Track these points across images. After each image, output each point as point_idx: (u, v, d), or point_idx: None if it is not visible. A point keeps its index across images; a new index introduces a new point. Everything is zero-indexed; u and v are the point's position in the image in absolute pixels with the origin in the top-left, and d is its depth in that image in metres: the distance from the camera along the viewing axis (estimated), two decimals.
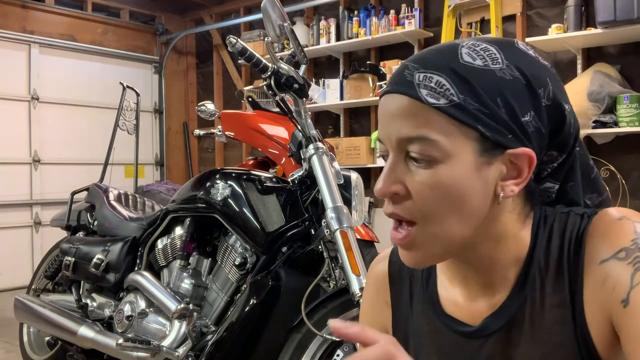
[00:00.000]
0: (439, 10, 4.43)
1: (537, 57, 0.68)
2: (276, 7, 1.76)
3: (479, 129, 0.62)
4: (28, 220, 5.26)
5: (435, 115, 0.62)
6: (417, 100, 0.63)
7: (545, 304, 0.66)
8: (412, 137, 0.63)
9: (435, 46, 0.68)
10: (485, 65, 0.64)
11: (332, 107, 5.04)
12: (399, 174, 0.65)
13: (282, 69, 1.82)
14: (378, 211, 4.89)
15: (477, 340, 0.69)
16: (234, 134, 2.81)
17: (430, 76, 0.63)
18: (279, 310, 1.77)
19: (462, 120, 0.62)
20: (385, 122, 0.66)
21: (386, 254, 0.84)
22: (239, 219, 1.85)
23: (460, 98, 0.62)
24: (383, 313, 0.82)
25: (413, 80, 0.64)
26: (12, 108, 5.17)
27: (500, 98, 0.63)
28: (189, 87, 6.55)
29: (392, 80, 0.67)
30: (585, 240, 0.64)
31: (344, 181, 1.86)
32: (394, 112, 0.65)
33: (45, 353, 2.73)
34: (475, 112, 0.62)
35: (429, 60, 0.65)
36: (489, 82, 0.63)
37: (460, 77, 0.63)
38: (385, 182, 0.65)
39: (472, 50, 0.65)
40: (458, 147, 0.62)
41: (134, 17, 6.21)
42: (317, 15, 5.21)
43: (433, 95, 0.62)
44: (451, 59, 0.64)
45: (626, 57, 3.73)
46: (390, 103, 0.65)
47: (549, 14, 4.09)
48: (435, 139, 0.62)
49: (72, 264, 2.36)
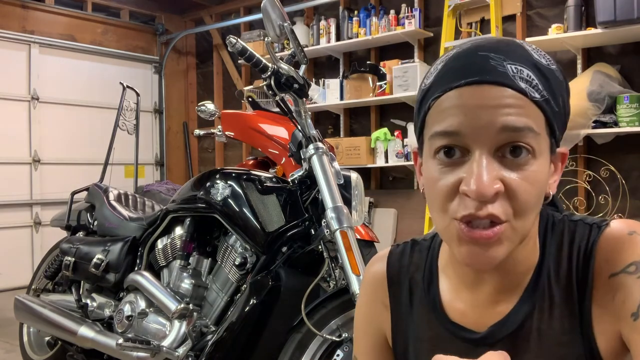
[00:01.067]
0: (439, 10, 4.43)
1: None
2: (276, 7, 1.76)
3: (555, 128, 0.63)
4: (28, 220, 5.26)
5: (534, 109, 0.61)
6: (519, 92, 0.60)
7: (554, 314, 0.65)
8: (520, 127, 0.59)
9: (499, 39, 0.65)
10: (548, 65, 0.63)
11: (332, 107, 5.04)
12: (496, 171, 0.60)
13: (282, 69, 1.82)
14: (378, 211, 4.89)
15: (482, 347, 0.68)
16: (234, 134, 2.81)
17: (521, 69, 0.61)
18: (279, 310, 1.77)
19: (549, 116, 0.62)
20: (475, 112, 0.60)
21: (384, 255, 0.82)
22: (239, 219, 1.85)
23: (546, 95, 0.62)
24: (380, 314, 0.81)
25: (507, 72, 0.60)
26: (12, 108, 5.17)
27: (561, 98, 0.64)
28: (189, 87, 6.55)
29: (473, 70, 0.61)
30: (595, 253, 0.64)
31: (344, 181, 1.86)
32: (492, 102, 0.60)
33: (45, 353, 2.73)
34: (555, 110, 0.62)
35: (509, 52, 0.62)
36: (557, 82, 0.63)
37: (541, 74, 0.62)
38: (489, 181, 0.59)
39: (533, 49, 0.64)
40: (545, 144, 0.62)
41: (134, 17, 6.21)
42: (317, 15, 5.21)
43: (530, 88, 0.61)
44: (526, 53, 0.63)
45: (626, 57, 3.73)
46: (484, 93, 0.60)
47: (549, 14, 4.09)
48: (539, 132, 0.61)
49: (72, 264, 2.36)
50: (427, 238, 0.81)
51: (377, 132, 4.68)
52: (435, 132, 0.63)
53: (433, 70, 0.66)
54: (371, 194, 4.95)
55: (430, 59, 4.67)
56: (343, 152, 4.70)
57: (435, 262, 0.77)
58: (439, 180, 0.63)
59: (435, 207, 0.65)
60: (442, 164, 0.63)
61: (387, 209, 4.84)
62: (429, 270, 0.77)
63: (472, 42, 0.64)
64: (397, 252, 0.81)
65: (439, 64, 0.66)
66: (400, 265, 0.80)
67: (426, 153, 0.66)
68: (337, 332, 1.68)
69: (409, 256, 0.80)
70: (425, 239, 0.81)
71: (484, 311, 0.69)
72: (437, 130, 0.62)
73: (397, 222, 4.80)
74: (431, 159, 0.64)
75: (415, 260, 0.79)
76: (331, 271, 1.77)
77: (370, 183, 4.99)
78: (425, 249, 0.79)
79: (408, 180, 4.85)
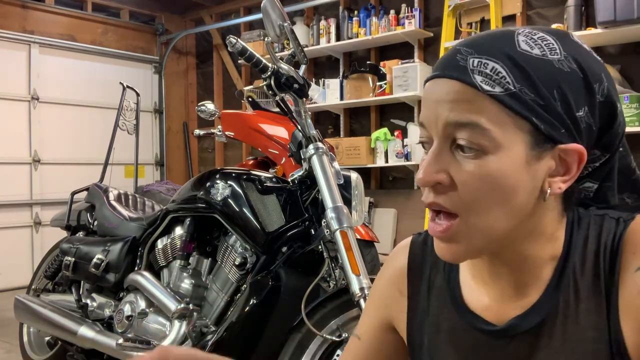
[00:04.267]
0: (439, 10, 4.43)
1: (591, 51, 0.65)
2: (276, 7, 1.76)
3: (533, 121, 0.60)
4: (28, 220, 5.26)
5: (489, 103, 0.60)
6: (471, 87, 0.60)
7: (580, 308, 0.64)
8: (463, 123, 0.60)
9: (489, 32, 0.65)
10: (543, 55, 0.61)
11: (332, 107, 5.04)
12: (444, 162, 0.62)
13: (282, 69, 1.82)
14: (378, 211, 4.89)
15: (501, 340, 0.67)
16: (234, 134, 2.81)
17: (486, 62, 0.60)
18: (279, 310, 1.77)
19: (517, 110, 0.60)
20: (432, 106, 0.63)
21: (406, 244, 0.81)
22: (239, 219, 1.85)
23: (516, 87, 0.60)
24: (393, 301, 0.80)
25: (467, 65, 0.61)
26: (12, 108, 5.17)
27: (556, 90, 0.61)
28: (189, 87, 6.55)
29: (441, 64, 0.64)
30: (621, 247, 0.63)
31: (344, 181, 1.86)
32: (444, 97, 0.61)
33: (45, 353, 2.73)
34: (531, 102, 0.60)
35: (483, 45, 0.62)
36: (546, 73, 0.61)
37: (517, 66, 0.60)
38: (429, 170, 0.62)
39: (529, 38, 0.62)
40: (510, 138, 0.60)
41: (134, 17, 6.21)
42: (317, 15, 5.21)
43: (488, 82, 0.60)
44: (508, 46, 0.61)
45: (626, 57, 3.73)
46: (440, 87, 0.62)
47: (549, 14, 4.09)
48: (488, 127, 0.60)
49: (72, 264, 2.36)
50: None
51: (377, 132, 4.68)
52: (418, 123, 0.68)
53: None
54: (371, 194, 4.95)
55: (430, 59, 4.67)
56: (343, 152, 4.70)
57: None
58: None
59: None
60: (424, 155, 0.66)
61: (387, 209, 4.84)
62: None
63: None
64: (419, 242, 0.80)
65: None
66: (423, 255, 0.79)
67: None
68: (337, 332, 1.68)
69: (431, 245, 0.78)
70: None
71: (505, 304, 0.68)
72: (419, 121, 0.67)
73: (397, 222, 4.80)
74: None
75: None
76: (331, 271, 1.77)
77: (370, 183, 4.99)
78: None
79: (408, 180, 4.85)
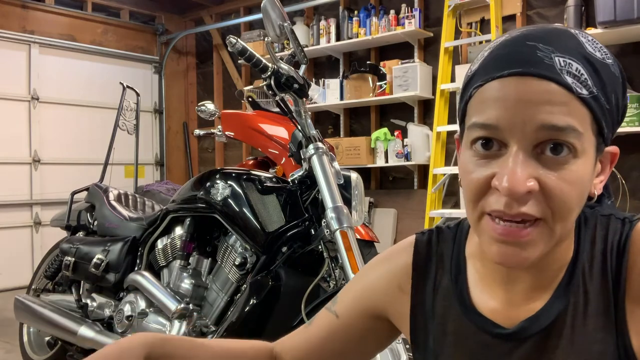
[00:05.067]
0: (439, 10, 4.43)
1: None
2: (276, 7, 1.76)
3: (603, 126, 0.60)
4: (28, 220, 5.26)
5: (579, 106, 0.58)
6: (564, 88, 0.57)
7: (589, 310, 0.63)
8: (560, 127, 0.57)
9: (548, 27, 0.61)
10: (603, 59, 0.60)
11: (332, 107, 5.04)
12: (532, 168, 0.58)
13: (282, 69, 1.82)
14: (378, 211, 4.89)
15: (510, 343, 0.67)
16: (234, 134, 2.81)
17: (570, 62, 0.58)
18: (279, 310, 1.76)
19: (597, 114, 0.58)
20: (516, 106, 0.58)
21: (410, 243, 0.80)
22: (239, 219, 1.85)
23: (596, 90, 0.58)
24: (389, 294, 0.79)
25: (554, 64, 0.57)
26: (12, 108, 5.17)
27: (614, 95, 0.60)
28: (189, 87, 6.55)
29: (518, 60, 0.59)
30: (628, 247, 0.63)
31: (344, 181, 1.86)
32: (537, 97, 0.57)
33: (45, 353, 2.73)
34: (605, 107, 0.59)
35: (559, 42, 0.59)
36: (609, 77, 0.60)
37: (593, 68, 0.58)
38: (522, 178, 0.57)
39: (588, 40, 0.60)
40: (589, 142, 0.59)
41: (134, 17, 6.21)
42: (317, 15, 5.21)
43: (577, 84, 0.57)
44: (579, 46, 0.59)
45: (626, 57, 3.73)
46: (527, 86, 0.57)
47: (549, 14, 4.09)
48: (581, 131, 0.57)
49: (72, 264, 2.36)
50: (451, 226, 0.79)
51: (377, 132, 4.68)
52: (473, 123, 0.61)
53: (480, 56, 0.64)
54: (371, 194, 4.94)
55: (430, 59, 4.67)
56: (343, 152, 4.70)
57: (462, 252, 0.75)
58: (472, 173, 0.61)
59: (467, 199, 0.63)
60: (478, 155, 0.61)
61: (387, 209, 4.84)
62: (456, 261, 0.75)
63: (523, 30, 0.62)
64: (423, 241, 0.79)
65: (486, 51, 0.64)
66: (428, 255, 0.78)
67: (465, 141, 0.64)
68: None
69: (436, 245, 0.78)
70: (450, 227, 0.79)
71: (515, 307, 0.68)
72: (475, 122, 0.61)
73: (397, 222, 4.80)
74: (468, 149, 0.63)
75: (442, 250, 0.77)
76: (331, 271, 1.77)
77: (370, 183, 4.99)
78: (450, 238, 0.77)
79: (408, 180, 4.85)
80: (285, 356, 0.84)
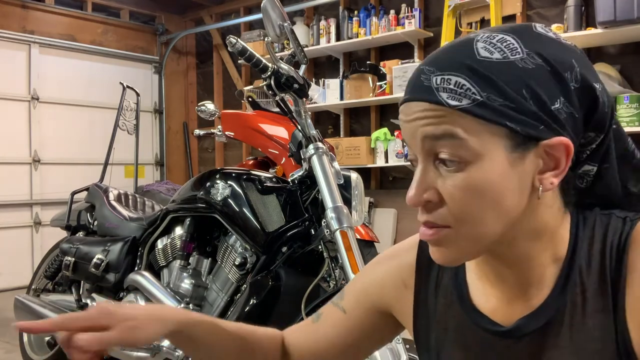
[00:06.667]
0: (439, 10, 4.43)
1: (559, 38, 0.65)
2: (276, 7, 1.76)
3: (507, 125, 0.60)
4: (28, 220, 5.26)
5: (459, 116, 0.60)
6: (437, 104, 0.61)
7: (587, 309, 0.64)
8: (439, 135, 0.61)
9: (449, 44, 0.65)
10: (504, 58, 0.61)
11: (332, 107, 5.04)
12: (430, 180, 0.64)
13: (282, 69, 1.82)
14: (378, 211, 4.89)
15: (508, 340, 0.68)
16: (234, 134, 2.81)
17: (448, 78, 0.61)
18: (279, 310, 1.77)
19: (488, 118, 0.60)
20: (409, 126, 0.64)
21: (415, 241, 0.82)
22: (239, 219, 1.85)
23: (483, 96, 0.60)
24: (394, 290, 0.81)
25: (431, 85, 0.62)
26: (12, 108, 5.17)
27: (525, 89, 0.60)
28: (189, 87, 6.55)
29: (409, 87, 0.65)
30: (628, 247, 0.63)
31: (344, 181, 1.86)
32: (417, 116, 0.63)
33: (45, 353, 2.73)
34: (501, 108, 0.60)
35: (443, 61, 0.63)
36: (511, 75, 0.60)
37: (479, 75, 0.60)
38: (417, 190, 0.64)
39: (488, 43, 0.62)
40: (488, 146, 0.61)
41: (134, 17, 6.21)
42: (317, 15, 5.21)
43: (454, 97, 0.60)
44: (467, 57, 0.62)
45: (626, 57, 3.73)
46: (411, 109, 0.64)
47: (549, 14, 4.09)
48: (464, 137, 0.60)
49: (72, 264, 2.36)
50: None
51: (377, 132, 4.68)
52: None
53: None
54: (371, 194, 4.94)
55: None
56: (343, 152, 4.70)
57: None
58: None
59: None
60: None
61: (387, 209, 4.84)
62: None
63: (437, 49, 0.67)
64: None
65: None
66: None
67: None
68: None
69: None
70: None
71: (512, 305, 0.69)
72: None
73: (397, 222, 4.80)
74: None
75: None
76: (331, 271, 1.77)
77: (370, 183, 4.99)
78: None
79: (408, 180, 4.85)
80: (293, 348, 0.86)
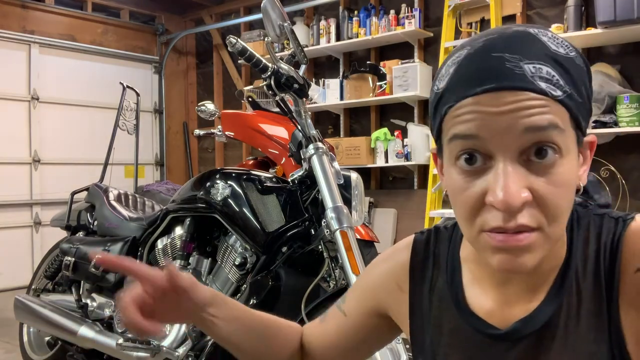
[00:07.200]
0: (439, 10, 4.43)
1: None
2: (276, 7, 1.76)
3: (580, 120, 0.60)
4: (28, 220, 5.26)
5: (558, 107, 0.58)
6: (540, 94, 0.57)
7: (582, 311, 0.63)
8: (545, 126, 0.56)
9: (507, 33, 0.60)
10: (567, 54, 0.60)
11: (332, 107, 5.04)
12: (522, 178, 0.57)
13: (282, 69, 1.82)
14: (378, 211, 4.89)
15: (504, 344, 0.67)
16: (234, 134, 2.81)
17: (540, 67, 0.57)
18: (279, 310, 1.76)
19: (574, 112, 0.59)
20: (503, 118, 0.57)
21: (409, 242, 0.81)
22: (239, 219, 1.85)
23: (569, 89, 0.59)
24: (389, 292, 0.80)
25: (524, 73, 0.57)
26: (12, 108, 5.17)
27: (584, 87, 0.61)
28: (189, 87, 6.55)
29: (488, 75, 0.58)
30: (621, 247, 0.63)
31: (344, 181, 1.86)
32: (517, 106, 0.56)
33: (45, 353, 2.73)
34: (580, 103, 0.60)
35: (524, 49, 0.58)
36: (577, 71, 0.60)
37: (562, 67, 0.59)
38: (516, 191, 0.56)
39: (549, 37, 0.60)
40: (571, 138, 0.60)
41: (134, 17, 6.21)
42: (317, 15, 5.21)
43: (550, 87, 0.57)
44: (543, 47, 0.59)
45: (626, 57, 3.73)
46: (506, 99, 0.57)
47: (549, 14, 4.09)
48: (564, 128, 0.58)
49: (72, 264, 2.36)
50: (448, 226, 0.79)
51: (377, 132, 4.68)
52: (454, 135, 0.60)
53: (445, 72, 0.63)
54: (371, 194, 4.94)
55: (430, 59, 4.67)
56: (343, 152, 4.70)
57: (457, 254, 0.75)
58: (463, 191, 0.60)
59: (461, 218, 0.62)
60: (464, 172, 0.60)
61: (387, 209, 4.84)
62: (451, 262, 0.75)
63: (484, 40, 0.60)
64: (422, 241, 0.79)
65: (450, 66, 0.62)
66: (425, 255, 0.78)
67: (447, 158, 0.63)
68: None
69: (434, 245, 0.78)
70: (447, 227, 0.79)
71: (508, 308, 0.68)
72: (455, 133, 0.60)
73: (397, 222, 4.80)
74: (452, 165, 0.62)
75: (439, 251, 0.78)
76: (331, 271, 1.77)
77: (370, 183, 4.99)
78: (446, 239, 0.78)
79: (408, 180, 4.85)
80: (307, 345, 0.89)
